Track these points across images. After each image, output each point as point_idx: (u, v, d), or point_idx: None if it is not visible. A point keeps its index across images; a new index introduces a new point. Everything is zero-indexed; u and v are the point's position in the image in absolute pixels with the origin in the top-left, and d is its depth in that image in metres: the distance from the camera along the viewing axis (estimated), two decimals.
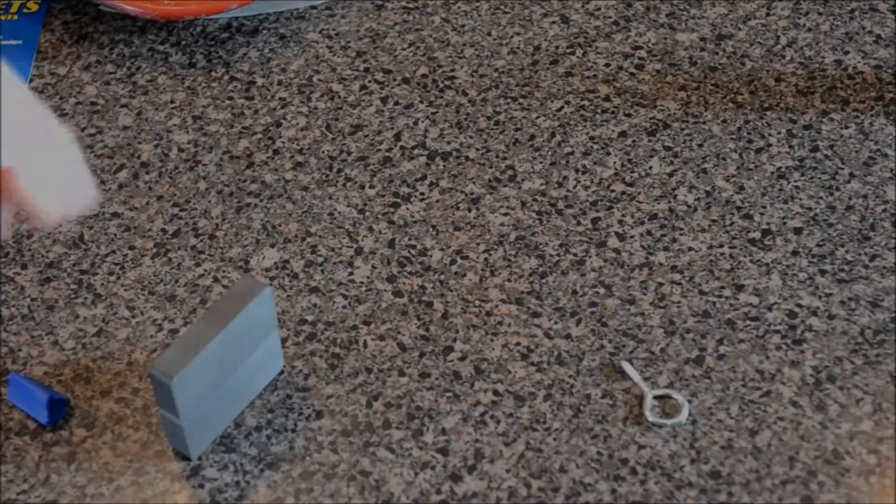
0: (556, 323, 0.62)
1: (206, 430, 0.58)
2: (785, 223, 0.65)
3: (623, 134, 0.69)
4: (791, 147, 0.68)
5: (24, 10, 0.76)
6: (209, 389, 0.57)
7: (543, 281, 0.64)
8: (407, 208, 0.67)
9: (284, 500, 0.57)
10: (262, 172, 0.68)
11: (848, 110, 0.70)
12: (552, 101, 0.71)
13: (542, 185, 0.67)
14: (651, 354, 0.61)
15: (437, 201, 0.67)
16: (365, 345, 0.62)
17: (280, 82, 0.72)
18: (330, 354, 0.61)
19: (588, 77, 0.72)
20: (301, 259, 0.65)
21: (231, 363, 0.57)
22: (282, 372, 0.60)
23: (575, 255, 0.65)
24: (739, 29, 0.74)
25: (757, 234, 0.65)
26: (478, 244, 0.65)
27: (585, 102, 0.71)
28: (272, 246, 0.65)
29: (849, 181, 0.67)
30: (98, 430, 0.59)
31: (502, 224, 0.66)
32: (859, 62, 0.72)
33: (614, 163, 0.68)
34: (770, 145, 0.69)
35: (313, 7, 0.75)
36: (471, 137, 0.70)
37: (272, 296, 0.59)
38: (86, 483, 0.58)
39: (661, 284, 0.63)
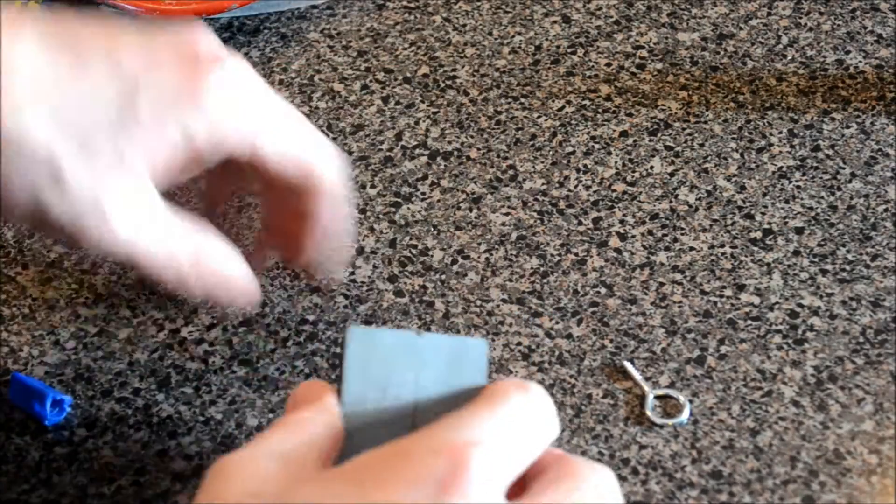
0: (557, 323, 0.62)
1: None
2: (786, 223, 0.65)
3: (624, 133, 0.69)
4: (792, 147, 0.68)
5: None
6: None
7: (545, 281, 0.64)
8: (408, 208, 0.66)
9: None
10: None
11: (849, 110, 0.70)
12: (553, 101, 0.71)
13: (543, 184, 0.67)
14: (652, 354, 0.61)
15: (439, 201, 0.67)
16: None
17: (281, 82, 0.72)
18: (331, 354, 0.61)
19: (589, 77, 0.72)
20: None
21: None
22: None
23: (576, 254, 0.65)
24: (741, 28, 0.74)
25: (758, 234, 0.65)
26: (479, 244, 0.65)
27: (587, 102, 0.71)
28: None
29: (850, 181, 0.67)
30: (99, 430, 0.59)
31: (503, 224, 0.66)
32: (861, 62, 0.72)
33: (615, 162, 0.68)
34: (771, 145, 0.68)
35: (314, 7, 0.75)
36: (472, 137, 0.69)
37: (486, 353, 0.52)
38: (87, 483, 0.58)
39: (662, 284, 0.63)
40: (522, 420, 0.47)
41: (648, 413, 0.59)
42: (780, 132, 0.69)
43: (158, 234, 0.53)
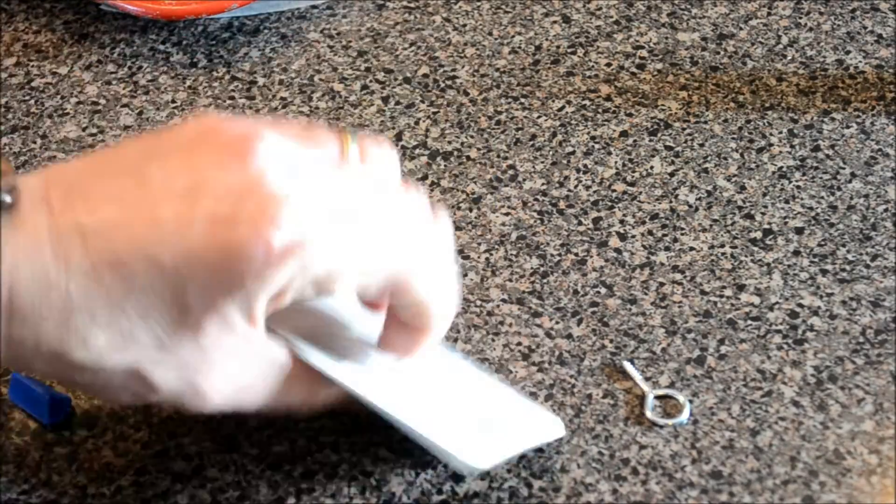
0: (557, 323, 0.62)
1: None
2: (786, 223, 0.65)
3: (624, 133, 0.69)
4: (792, 147, 0.68)
5: None
6: None
7: (545, 281, 0.64)
8: None
9: (286, 499, 0.57)
10: None
11: (849, 110, 0.70)
12: (553, 101, 0.71)
13: (543, 184, 0.67)
14: (652, 354, 0.61)
15: (439, 201, 0.67)
16: None
17: (281, 82, 0.72)
18: None
19: (589, 77, 0.72)
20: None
21: None
22: None
23: (576, 254, 0.65)
24: (741, 28, 0.74)
25: (758, 234, 0.65)
26: (479, 244, 0.65)
27: (587, 102, 0.71)
28: None
29: (850, 181, 0.67)
30: (99, 430, 0.59)
31: (503, 224, 0.66)
32: (861, 62, 0.72)
33: (615, 162, 0.68)
34: (771, 145, 0.68)
35: (314, 7, 0.75)
36: (472, 137, 0.69)
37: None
38: (87, 483, 0.58)
39: (662, 284, 0.63)
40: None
41: (648, 413, 0.59)
42: (780, 132, 0.69)
43: (259, 384, 0.54)
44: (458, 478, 0.57)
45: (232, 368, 0.53)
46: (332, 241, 0.52)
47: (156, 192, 0.51)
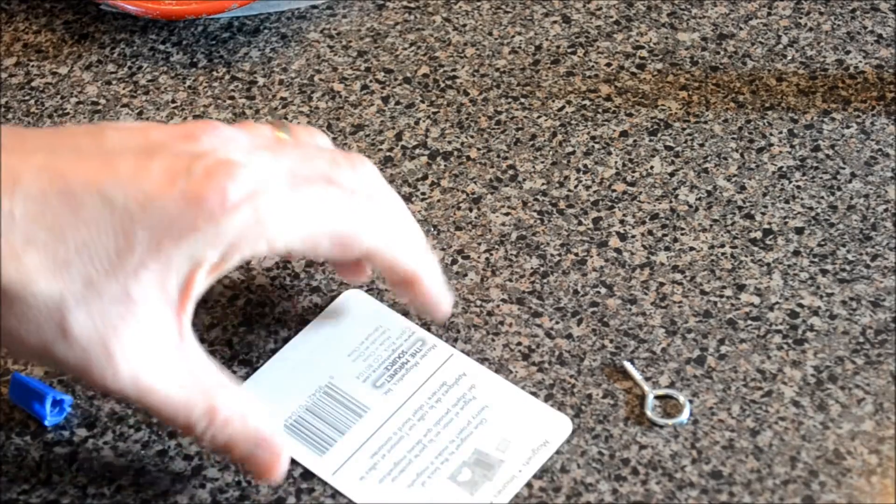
0: (557, 323, 0.62)
1: None
2: (786, 223, 0.65)
3: (624, 133, 0.69)
4: (792, 147, 0.68)
5: None
6: None
7: (545, 281, 0.64)
8: (408, 208, 0.66)
9: (286, 499, 0.57)
10: None
11: (849, 110, 0.70)
12: (553, 101, 0.71)
13: (543, 184, 0.67)
14: (652, 354, 0.61)
15: (439, 201, 0.67)
16: None
17: (281, 82, 0.72)
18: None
19: (589, 77, 0.72)
20: (302, 259, 0.65)
21: None
22: None
23: (576, 254, 0.65)
24: (741, 28, 0.74)
25: (758, 234, 0.65)
26: (479, 244, 0.65)
27: (587, 102, 0.71)
28: None
29: (850, 181, 0.67)
30: (99, 430, 0.59)
31: (503, 224, 0.66)
32: (861, 62, 0.72)
33: (615, 162, 0.68)
34: (771, 145, 0.68)
35: (314, 7, 0.75)
36: (472, 137, 0.69)
37: None
38: (87, 483, 0.58)
39: (662, 284, 0.63)
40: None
41: (648, 413, 0.59)
42: (780, 132, 0.69)
43: (170, 377, 0.52)
44: None
45: (148, 340, 0.52)
46: (283, 196, 0.53)
47: (112, 147, 0.52)
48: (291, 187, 0.53)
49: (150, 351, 0.52)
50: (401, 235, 0.57)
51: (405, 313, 0.62)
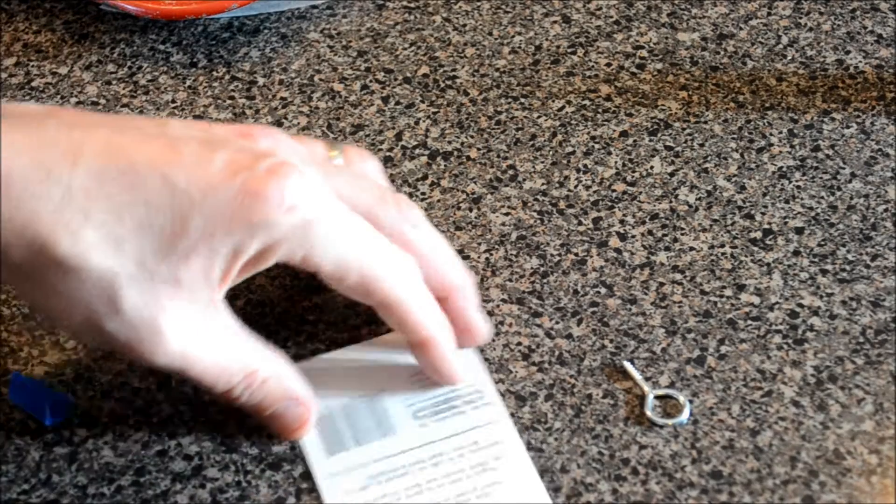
0: (557, 323, 0.62)
1: None
2: (786, 223, 0.65)
3: (624, 133, 0.69)
4: (792, 147, 0.68)
5: None
6: None
7: (545, 281, 0.64)
8: None
9: (286, 499, 0.57)
10: None
11: (849, 110, 0.70)
12: (553, 101, 0.71)
13: (543, 184, 0.67)
14: (652, 354, 0.61)
15: (439, 201, 0.67)
16: None
17: (281, 82, 0.72)
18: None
19: (589, 77, 0.72)
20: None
21: None
22: None
23: (576, 254, 0.65)
24: (741, 28, 0.74)
25: (758, 234, 0.65)
26: (479, 244, 0.65)
27: (587, 102, 0.71)
28: None
29: (850, 181, 0.67)
30: (99, 430, 0.59)
31: (503, 224, 0.66)
32: (861, 62, 0.72)
33: (615, 162, 0.68)
34: (771, 145, 0.68)
35: (314, 7, 0.75)
36: (472, 137, 0.69)
37: None
38: (87, 483, 0.58)
39: (662, 284, 0.63)
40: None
41: (648, 413, 0.59)
42: (780, 132, 0.69)
43: (213, 347, 0.55)
44: None
45: (192, 318, 0.54)
46: (332, 214, 0.54)
47: (177, 134, 0.54)
48: (339, 210, 0.55)
49: (195, 327, 0.54)
50: (420, 295, 0.57)
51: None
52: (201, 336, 0.54)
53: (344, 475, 0.57)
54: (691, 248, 0.65)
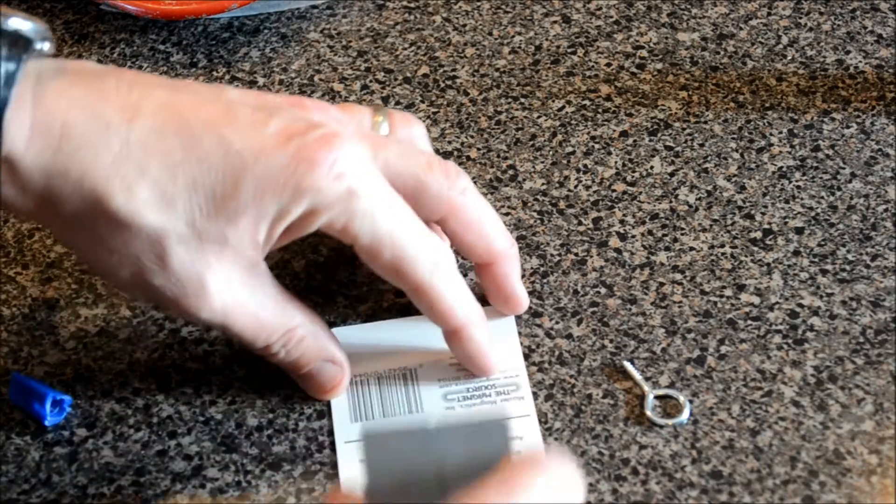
0: (557, 323, 0.62)
1: None
2: (786, 223, 0.65)
3: (624, 133, 0.69)
4: (792, 147, 0.68)
5: None
6: None
7: (545, 280, 0.64)
8: None
9: (286, 500, 0.57)
10: None
11: (849, 110, 0.70)
12: (553, 101, 0.71)
13: (543, 184, 0.67)
14: (652, 354, 0.61)
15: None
16: None
17: (281, 82, 0.72)
18: None
19: (589, 77, 0.72)
20: (302, 259, 0.65)
21: None
22: None
23: (576, 254, 0.65)
24: (741, 28, 0.74)
25: (758, 234, 0.65)
26: None
27: (587, 102, 0.71)
28: None
29: (850, 181, 0.67)
30: (99, 430, 0.59)
31: (504, 224, 0.66)
32: (861, 62, 0.72)
33: (615, 162, 0.68)
34: (771, 145, 0.68)
35: (314, 7, 0.75)
36: (472, 137, 0.69)
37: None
38: (87, 483, 0.58)
39: (662, 284, 0.63)
40: (541, 498, 0.46)
41: (648, 413, 0.59)
42: (780, 132, 0.69)
43: (254, 305, 0.56)
44: None
45: (236, 276, 0.55)
46: (376, 187, 0.55)
47: (232, 98, 0.55)
48: (383, 187, 0.56)
49: (237, 285, 0.55)
50: (454, 283, 0.58)
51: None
52: (243, 294, 0.55)
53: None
54: (691, 248, 0.65)
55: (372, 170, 0.55)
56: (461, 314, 0.58)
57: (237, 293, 0.55)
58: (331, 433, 0.59)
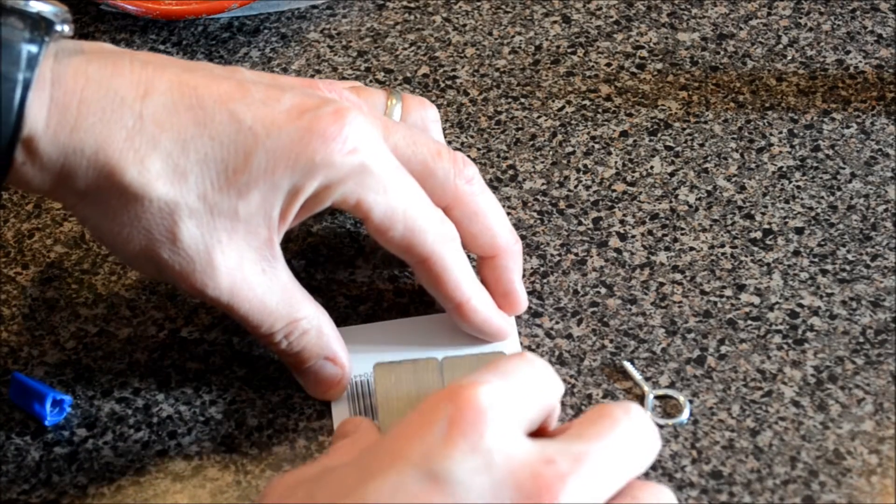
0: (557, 323, 0.62)
1: None
2: (786, 223, 0.65)
3: (624, 133, 0.69)
4: (792, 147, 0.68)
5: None
6: None
7: (545, 281, 0.64)
8: None
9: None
10: None
11: (849, 110, 0.70)
12: (553, 101, 0.71)
13: (543, 184, 0.67)
14: (652, 354, 0.61)
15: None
16: None
17: None
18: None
19: (589, 77, 0.72)
20: (302, 259, 0.65)
21: None
22: None
23: (576, 254, 0.65)
24: (741, 28, 0.74)
25: (758, 234, 0.65)
26: None
27: (587, 102, 0.71)
28: None
29: (850, 181, 0.67)
30: (99, 430, 0.59)
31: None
32: (861, 62, 0.72)
33: (615, 162, 0.68)
34: (771, 145, 0.68)
35: (314, 7, 0.75)
36: (472, 137, 0.69)
37: None
38: (87, 483, 0.58)
39: (662, 284, 0.63)
40: (525, 372, 0.50)
41: (648, 413, 0.59)
42: (780, 132, 0.69)
43: (262, 289, 0.56)
44: None
45: (246, 255, 0.55)
46: (388, 163, 0.56)
47: (245, 77, 0.56)
48: (393, 163, 0.56)
49: (248, 266, 0.55)
50: (460, 259, 0.58)
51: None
52: (253, 276, 0.55)
53: None
54: (691, 248, 0.65)
55: (383, 146, 0.56)
56: (467, 287, 0.58)
57: (247, 274, 0.55)
58: (331, 433, 0.59)
